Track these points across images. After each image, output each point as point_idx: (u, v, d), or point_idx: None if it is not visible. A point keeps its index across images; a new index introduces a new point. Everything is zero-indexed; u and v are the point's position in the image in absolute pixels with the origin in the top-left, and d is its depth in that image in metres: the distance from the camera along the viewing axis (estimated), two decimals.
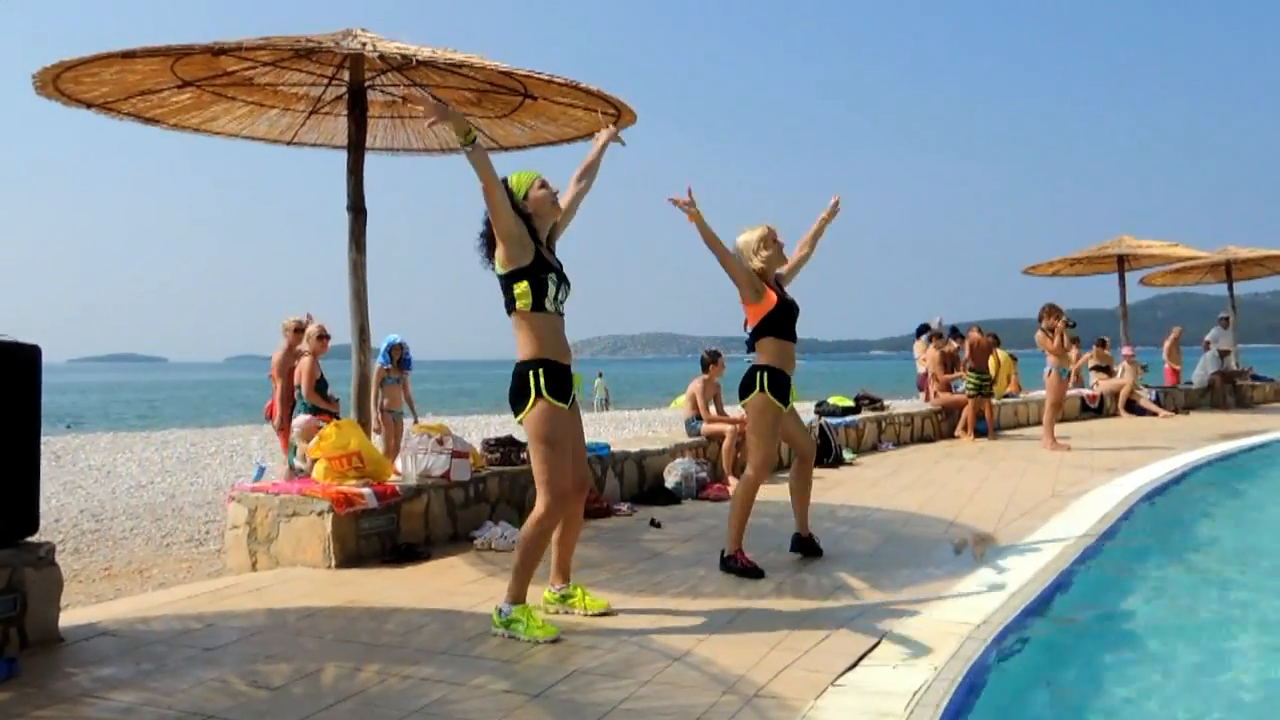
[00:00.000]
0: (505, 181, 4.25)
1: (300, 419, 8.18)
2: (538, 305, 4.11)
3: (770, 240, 5.37)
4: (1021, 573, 5.10)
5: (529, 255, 4.11)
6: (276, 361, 9.07)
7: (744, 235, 5.42)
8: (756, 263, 5.33)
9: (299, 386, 8.60)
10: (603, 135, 4.76)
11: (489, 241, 4.21)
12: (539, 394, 4.06)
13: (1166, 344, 18.74)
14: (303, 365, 8.63)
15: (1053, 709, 3.54)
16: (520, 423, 4.16)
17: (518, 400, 4.13)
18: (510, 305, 4.17)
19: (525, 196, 4.23)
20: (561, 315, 4.22)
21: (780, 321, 5.34)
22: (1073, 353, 16.00)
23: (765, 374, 5.27)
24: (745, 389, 5.33)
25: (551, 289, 4.13)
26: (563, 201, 4.44)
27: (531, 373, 4.09)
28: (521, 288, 4.10)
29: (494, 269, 4.19)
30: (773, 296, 5.31)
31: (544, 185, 4.28)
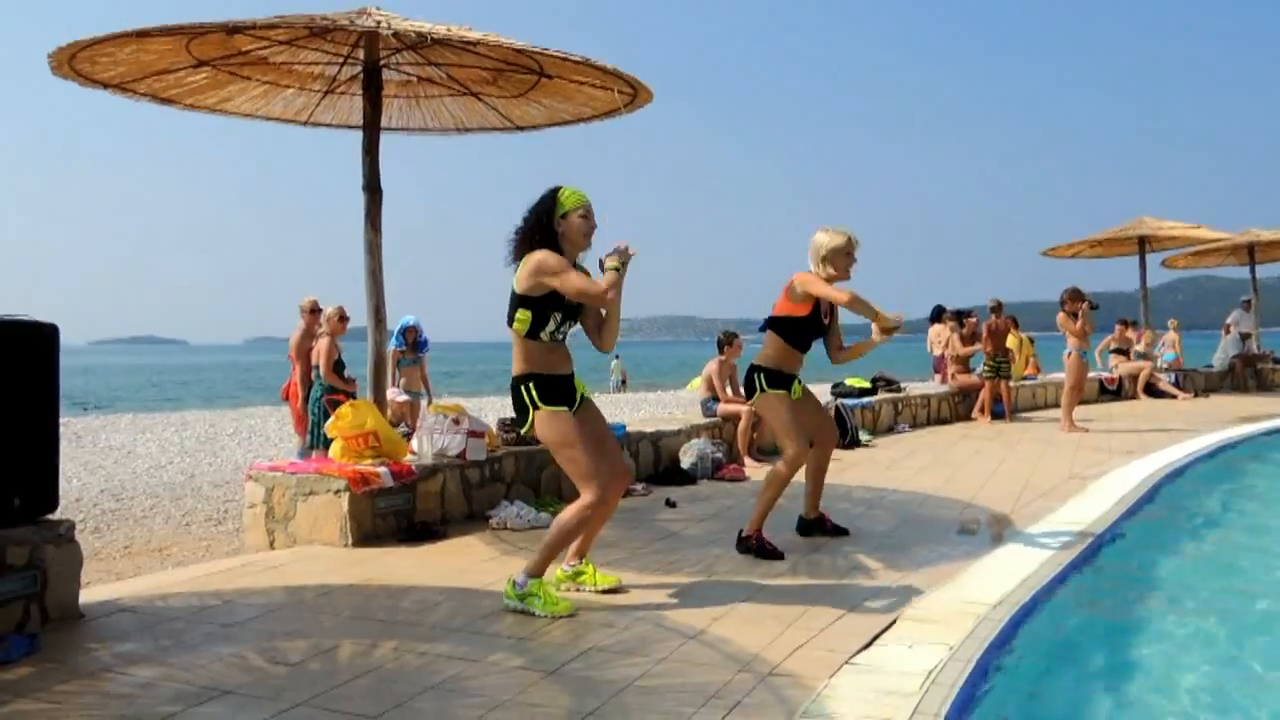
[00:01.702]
0: (555, 193, 4.20)
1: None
2: (533, 334, 4.15)
3: (845, 254, 5.15)
4: (1038, 554, 5.07)
5: (545, 290, 4.11)
6: (294, 343, 9.11)
7: (824, 236, 5.17)
8: (825, 270, 5.14)
9: (317, 367, 8.63)
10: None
11: (522, 242, 4.17)
12: (534, 405, 4.15)
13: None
14: (321, 346, 8.66)
15: (1069, 689, 3.52)
16: (526, 434, 4.23)
17: (520, 415, 4.24)
18: (510, 319, 4.20)
19: (564, 216, 4.17)
20: (559, 342, 4.25)
21: (801, 331, 5.25)
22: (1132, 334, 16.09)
23: (761, 375, 5.24)
24: (748, 390, 5.34)
25: (552, 325, 4.16)
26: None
27: (523, 387, 4.17)
28: (523, 314, 4.13)
29: (513, 272, 4.18)
30: (809, 306, 5.18)
31: (586, 215, 4.21)
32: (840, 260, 5.15)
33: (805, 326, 5.24)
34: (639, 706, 3.07)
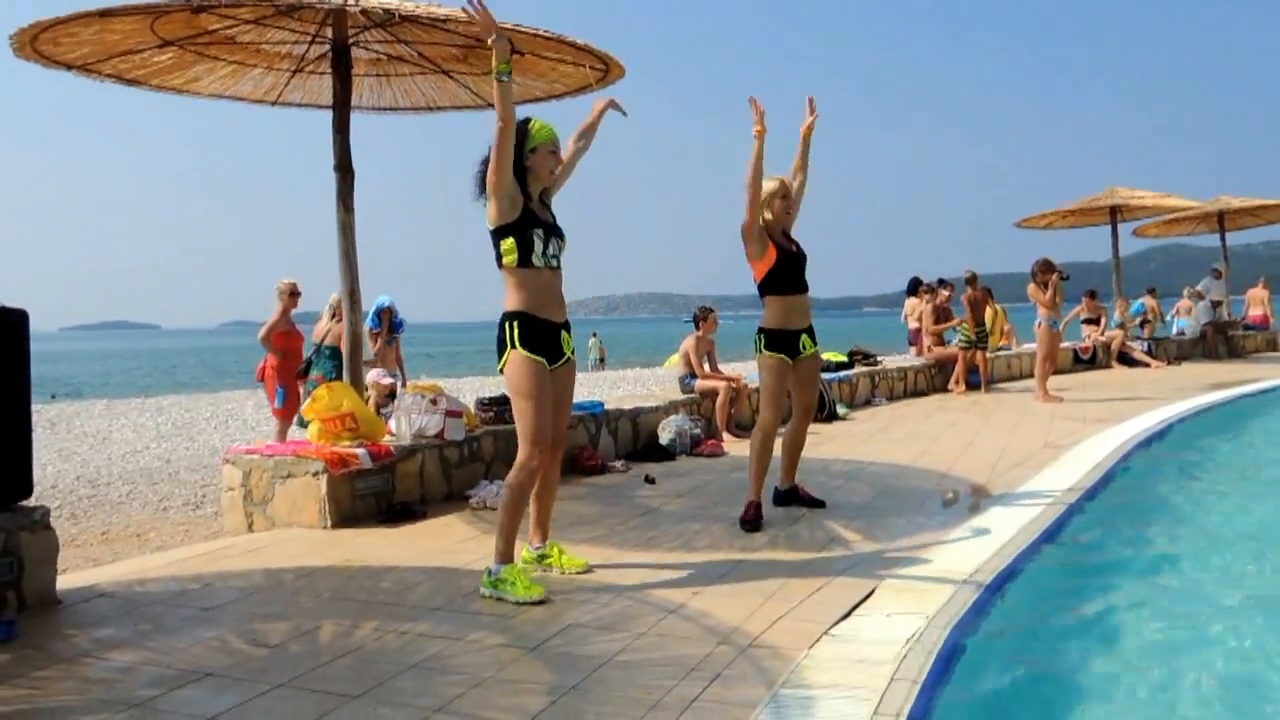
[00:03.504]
0: (526, 123, 4.21)
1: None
2: (524, 261, 4.11)
3: (779, 195, 5.36)
4: (1014, 522, 5.13)
5: (516, 211, 4.11)
6: (271, 324, 8.97)
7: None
8: (765, 214, 5.35)
9: (329, 348, 8.33)
10: (601, 103, 4.71)
11: (485, 176, 4.16)
12: (512, 345, 4.11)
13: (1254, 291, 19.16)
14: (340, 333, 8.28)
15: (1044, 656, 3.58)
16: (501, 372, 4.20)
17: (499, 352, 4.18)
18: (498, 260, 4.17)
19: (533, 150, 4.19)
20: (554, 269, 4.21)
21: (784, 276, 5.36)
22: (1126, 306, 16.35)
23: (763, 337, 5.38)
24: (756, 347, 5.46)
25: (539, 244, 4.12)
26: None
27: (507, 324, 4.13)
28: (508, 244, 4.10)
29: (485, 210, 4.17)
30: (773, 252, 5.31)
31: (554, 151, 4.25)
32: (780, 199, 5.37)
33: (785, 268, 5.35)
34: (620, 680, 3.10)
